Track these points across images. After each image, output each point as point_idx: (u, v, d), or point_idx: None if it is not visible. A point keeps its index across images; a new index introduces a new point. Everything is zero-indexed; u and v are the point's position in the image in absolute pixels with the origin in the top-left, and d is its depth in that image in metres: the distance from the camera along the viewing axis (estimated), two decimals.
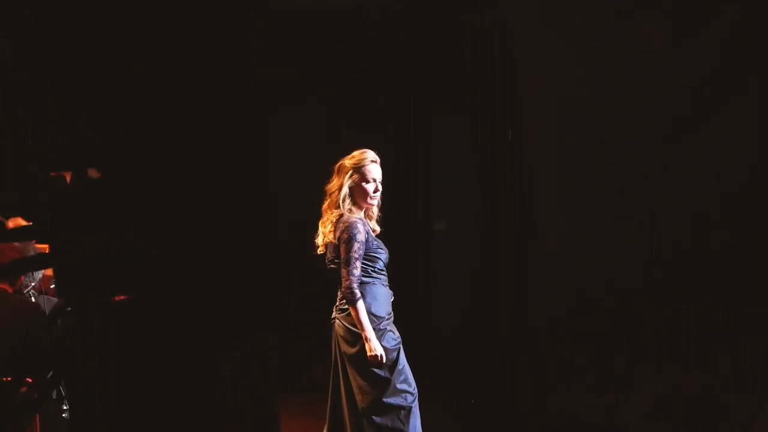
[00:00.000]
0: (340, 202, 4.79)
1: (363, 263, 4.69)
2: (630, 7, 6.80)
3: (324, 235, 4.81)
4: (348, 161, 4.85)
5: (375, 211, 4.90)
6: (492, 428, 6.72)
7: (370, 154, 4.86)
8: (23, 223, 4.87)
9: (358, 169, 4.81)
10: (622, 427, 6.47)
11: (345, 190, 4.79)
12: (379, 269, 4.79)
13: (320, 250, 4.87)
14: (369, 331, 4.62)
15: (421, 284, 7.76)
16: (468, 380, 7.27)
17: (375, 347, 4.61)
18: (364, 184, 4.81)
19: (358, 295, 4.64)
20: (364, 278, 4.70)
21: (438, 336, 7.70)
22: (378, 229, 4.90)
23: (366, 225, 4.79)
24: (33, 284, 5.34)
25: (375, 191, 4.83)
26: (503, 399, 6.99)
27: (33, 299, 5.27)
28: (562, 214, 7.25)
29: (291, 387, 7.30)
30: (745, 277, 6.57)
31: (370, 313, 4.67)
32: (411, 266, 7.58)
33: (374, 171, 4.84)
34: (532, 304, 7.49)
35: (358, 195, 4.82)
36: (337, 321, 4.79)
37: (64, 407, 4.93)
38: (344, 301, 4.73)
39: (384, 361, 4.63)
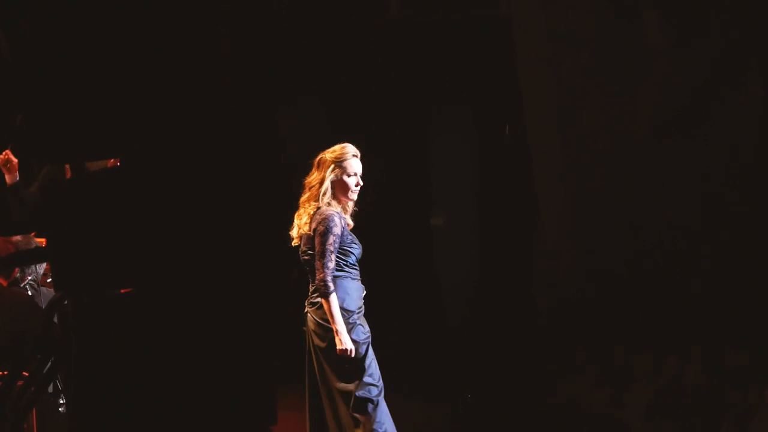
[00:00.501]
0: (320, 195, 4.78)
1: (336, 257, 4.69)
2: (631, 6, 6.79)
3: (299, 227, 4.82)
4: (329, 155, 4.84)
5: (350, 205, 4.90)
6: (493, 423, 6.71)
7: (351, 149, 4.86)
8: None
9: (340, 164, 4.80)
10: (623, 419, 6.46)
11: (327, 184, 4.79)
12: (351, 263, 4.78)
13: (294, 242, 4.87)
14: (340, 325, 4.62)
15: (422, 281, 7.74)
16: (468, 376, 7.26)
17: (345, 341, 4.62)
18: (345, 178, 4.80)
19: (332, 287, 4.65)
20: (336, 272, 4.70)
21: (438, 333, 7.68)
22: (351, 223, 4.91)
23: (342, 219, 4.79)
24: (31, 277, 5.34)
25: (356, 185, 4.83)
26: (504, 393, 6.97)
27: (30, 293, 5.26)
28: (564, 210, 7.24)
29: (290, 381, 7.28)
30: (743, 267, 6.57)
31: (340, 308, 4.67)
32: (412, 263, 7.56)
33: (355, 165, 4.83)
34: (534, 298, 7.48)
35: (339, 189, 4.81)
36: (309, 315, 4.79)
37: (61, 401, 4.92)
38: (315, 294, 4.74)
39: (353, 355, 4.64)
